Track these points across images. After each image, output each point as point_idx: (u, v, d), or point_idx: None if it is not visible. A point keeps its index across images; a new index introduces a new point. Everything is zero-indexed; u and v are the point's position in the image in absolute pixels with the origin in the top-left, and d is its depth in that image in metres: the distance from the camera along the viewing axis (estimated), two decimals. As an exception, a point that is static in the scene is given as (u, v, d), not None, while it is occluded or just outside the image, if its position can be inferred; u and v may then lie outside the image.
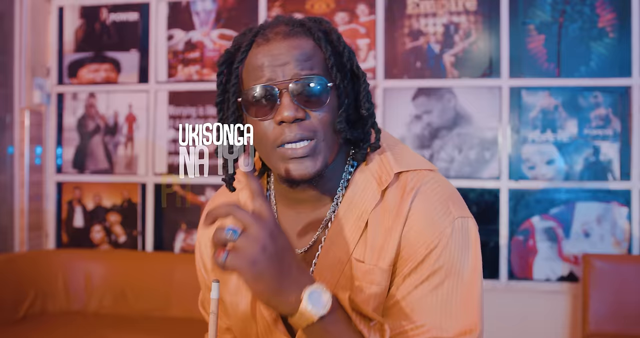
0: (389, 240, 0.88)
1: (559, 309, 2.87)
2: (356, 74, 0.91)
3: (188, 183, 3.14)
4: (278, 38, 0.86)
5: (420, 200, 0.90)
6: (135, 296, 2.99)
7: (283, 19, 0.91)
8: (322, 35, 0.89)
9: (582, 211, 2.88)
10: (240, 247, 0.70)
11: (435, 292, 0.88)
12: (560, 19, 2.92)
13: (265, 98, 0.85)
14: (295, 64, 0.84)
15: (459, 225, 0.90)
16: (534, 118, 2.92)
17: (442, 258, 0.88)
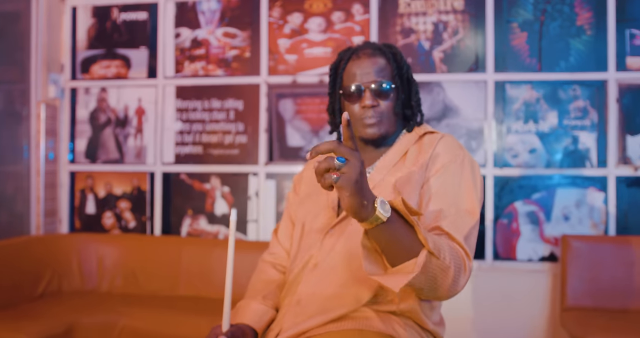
0: (421, 158, 1.36)
1: (540, 286, 3.08)
2: (410, 81, 1.46)
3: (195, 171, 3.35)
4: (365, 57, 1.41)
5: (443, 142, 1.39)
6: (144, 276, 3.18)
7: (369, 44, 1.46)
8: (392, 56, 1.43)
9: (562, 196, 3.09)
10: (346, 171, 0.97)
11: (448, 181, 1.30)
12: (542, 18, 3.14)
13: (357, 92, 1.39)
14: (374, 73, 1.38)
15: (469, 156, 1.37)
16: (517, 110, 3.14)
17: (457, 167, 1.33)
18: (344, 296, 1.26)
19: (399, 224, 1.05)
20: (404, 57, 1.46)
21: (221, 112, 3.38)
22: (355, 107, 1.39)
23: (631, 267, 2.87)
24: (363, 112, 1.38)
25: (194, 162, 3.40)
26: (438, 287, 1.11)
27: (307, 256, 1.34)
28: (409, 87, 1.46)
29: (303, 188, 1.51)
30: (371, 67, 1.38)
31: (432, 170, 1.31)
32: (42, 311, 2.76)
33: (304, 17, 3.32)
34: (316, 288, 1.29)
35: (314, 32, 3.30)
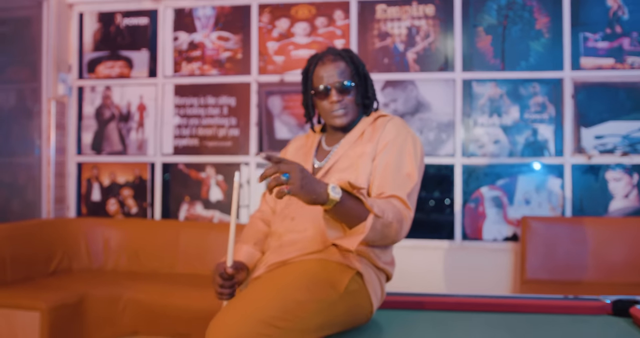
0: (374, 136, 1.67)
1: (504, 263, 3.42)
2: (366, 77, 1.77)
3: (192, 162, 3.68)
4: (329, 62, 1.71)
5: (392, 123, 1.68)
6: (146, 256, 3.50)
7: (331, 51, 1.75)
8: (349, 59, 1.73)
9: (523, 182, 3.44)
10: (292, 183, 1.31)
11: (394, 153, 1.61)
12: (504, 22, 3.50)
13: (324, 91, 1.69)
14: (337, 75, 1.69)
15: (412, 133, 1.68)
16: (483, 105, 3.49)
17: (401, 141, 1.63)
18: (314, 239, 1.60)
19: (349, 200, 1.40)
20: (359, 58, 1.79)
21: (215, 107, 3.72)
22: (325, 103, 1.71)
23: (583, 244, 3.22)
24: (331, 106, 1.70)
25: (190, 153, 3.73)
26: (385, 238, 1.47)
27: (287, 211, 1.68)
28: (366, 82, 1.77)
29: (294, 152, 1.87)
30: (334, 70, 1.69)
31: (381, 144, 1.66)
32: (56, 284, 3.08)
33: (290, 22, 3.66)
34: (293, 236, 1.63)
35: (300, 35, 3.65)
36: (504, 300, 1.74)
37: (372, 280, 1.58)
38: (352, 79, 1.71)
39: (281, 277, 1.50)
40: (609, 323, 1.56)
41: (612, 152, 3.37)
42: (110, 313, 3.04)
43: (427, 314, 1.68)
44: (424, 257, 3.48)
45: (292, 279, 1.48)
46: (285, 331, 1.37)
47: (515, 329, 1.53)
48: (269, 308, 1.37)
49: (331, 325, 1.49)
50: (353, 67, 1.73)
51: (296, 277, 1.49)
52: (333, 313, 1.47)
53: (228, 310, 1.39)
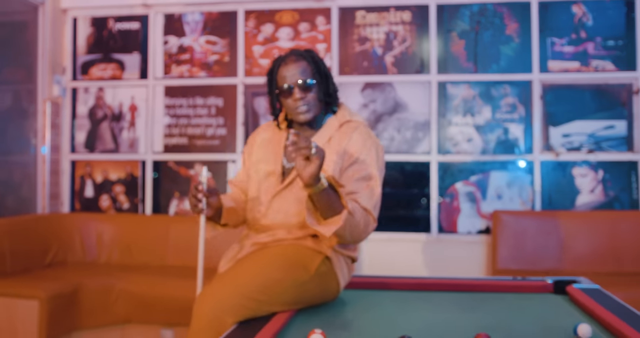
0: (340, 146, 1.79)
1: (477, 254, 3.62)
2: (327, 75, 1.88)
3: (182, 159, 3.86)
4: (291, 62, 1.82)
5: (357, 133, 1.81)
6: (137, 249, 3.68)
7: (293, 52, 1.87)
8: (310, 58, 1.84)
9: (496, 178, 3.65)
10: (320, 150, 1.48)
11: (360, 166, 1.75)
12: (477, 28, 3.71)
13: (288, 90, 1.80)
14: (299, 74, 1.79)
15: (375, 143, 1.82)
16: (457, 105, 3.69)
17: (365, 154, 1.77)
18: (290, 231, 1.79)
19: (331, 192, 1.60)
20: (320, 57, 1.91)
21: (204, 108, 3.90)
22: (289, 101, 1.81)
23: (550, 236, 3.43)
24: (295, 104, 1.80)
25: (180, 152, 3.91)
26: (352, 235, 1.66)
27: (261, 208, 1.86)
28: (327, 80, 1.87)
29: (256, 149, 1.97)
30: (296, 70, 1.79)
31: (347, 156, 1.76)
32: (52, 275, 3.25)
33: (274, 27, 3.85)
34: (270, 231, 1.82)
35: (284, 40, 3.84)
36: (460, 281, 1.94)
37: (340, 264, 1.78)
38: (313, 77, 1.81)
39: (262, 258, 1.69)
40: (548, 299, 1.76)
41: (578, 150, 3.59)
42: (104, 302, 3.21)
43: (388, 293, 1.87)
44: (402, 249, 3.67)
45: (271, 260, 1.67)
46: (263, 304, 1.57)
47: (467, 304, 1.73)
48: (251, 284, 1.57)
49: (303, 301, 1.68)
50: (314, 66, 1.83)
51: (274, 258, 1.68)
52: (305, 291, 1.67)
53: (214, 285, 1.58)
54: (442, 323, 1.52)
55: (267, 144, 1.98)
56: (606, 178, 3.56)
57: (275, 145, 1.95)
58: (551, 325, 1.46)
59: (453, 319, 1.55)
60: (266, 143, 1.98)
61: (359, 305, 1.74)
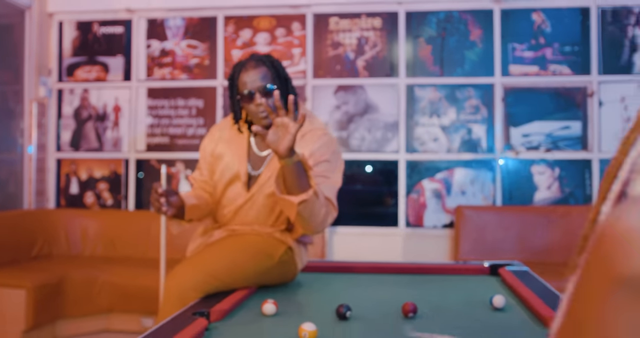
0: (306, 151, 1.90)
1: (442, 247, 3.85)
2: (287, 79, 1.96)
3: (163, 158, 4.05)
4: (251, 68, 1.87)
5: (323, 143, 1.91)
6: (120, 243, 3.86)
7: (253, 57, 1.92)
8: (270, 64, 1.90)
9: (460, 175, 3.87)
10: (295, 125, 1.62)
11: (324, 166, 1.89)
12: (443, 34, 3.93)
13: (249, 95, 1.86)
14: (259, 80, 1.85)
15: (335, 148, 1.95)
16: (424, 107, 3.92)
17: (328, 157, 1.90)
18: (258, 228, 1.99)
19: (301, 169, 1.75)
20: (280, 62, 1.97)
21: (185, 109, 4.09)
22: (251, 106, 1.86)
23: (509, 229, 3.66)
24: (257, 109, 1.84)
25: (162, 150, 4.10)
26: (313, 216, 1.78)
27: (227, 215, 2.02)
28: (287, 84, 1.93)
29: (220, 145, 2.04)
30: (257, 75, 1.84)
31: (312, 161, 1.86)
32: (38, 267, 3.42)
33: (252, 33, 4.06)
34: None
35: (261, 44, 4.05)
36: (407, 265, 2.16)
37: (300, 252, 1.98)
38: (273, 82, 1.86)
39: (230, 243, 1.90)
40: (482, 280, 1.98)
41: (536, 149, 3.83)
42: (88, 292, 3.39)
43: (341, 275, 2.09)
44: (372, 243, 3.89)
45: (238, 246, 1.88)
46: (226, 283, 1.77)
47: (409, 283, 1.95)
48: (217, 265, 1.77)
49: (263, 282, 1.89)
50: (274, 71, 1.88)
51: (242, 245, 1.89)
52: (267, 276, 1.88)
53: (185, 265, 1.78)
54: (380, 297, 1.74)
55: (230, 144, 2.02)
56: (562, 175, 3.80)
57: (239, 147, 2.01)
58: (474, 299, 1.68)
59: (391, 294, 1.76)
60: (229, 142, 2.02)
61: (313, 284, 1.95)
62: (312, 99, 3.97)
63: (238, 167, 1.97)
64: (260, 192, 1.94)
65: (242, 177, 1.97)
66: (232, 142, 2.03)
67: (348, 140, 3.94)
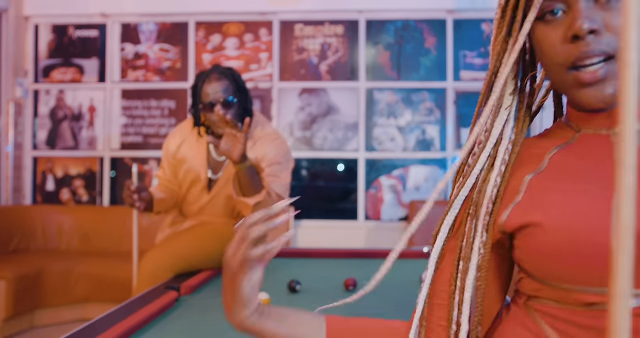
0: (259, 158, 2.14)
1: (398, 238, 4.13)
2: (247, 92, 2.16)
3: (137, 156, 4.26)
4: (214, 80, 2.06)
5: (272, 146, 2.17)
6: (96, 237, 4.06)
7: (216, 70, 2.10)
8: (232, 77, 2.10)
9: (414, 173, 4.18)
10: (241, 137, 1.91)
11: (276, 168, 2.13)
12: (400, 41, 4.23)
13: (210, 106, 2.05)
14: (222, 92, 2.04)
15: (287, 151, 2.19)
16: (382, 109, 4.21)
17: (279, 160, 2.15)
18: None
19: (254, 171, 2.02)
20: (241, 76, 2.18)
21: (157, 110, 4.31)
22: (211, 116, 2.03)
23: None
24: (216, 118, 2.00)
25: (136, 149, 4.32)
26: None
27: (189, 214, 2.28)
28: (246, 97, 2.13)
29: (182, 148, 2.23)
30: (219, 88, 2.01)
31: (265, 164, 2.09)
32: (17, 260, 3.61)
33: (222, 38, 4.30)
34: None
35: (230, 49, 4.29)
36: (357, 250, 2.44)
37: (262, 237, 2.25)
38: (234, 95, 2.03)
39: (198, 230, 2.16)
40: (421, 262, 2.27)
41: (485, 149, 4.15)
42: (65, 283, 3.59)
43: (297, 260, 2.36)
44: (334, 235, 4.17)
45: (205, 233, 2.14)
46: (194, 265, 2.03)
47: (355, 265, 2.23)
48: (186, 249, 2.03)
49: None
50: (235, 85, 2.06)
51: (208, 231, 2.15)
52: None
53: (157, 249, 2.03)
54: (327, 275, 2.02)
55: (192, 149, 2.19)
56: (508, 173, 4.13)
57: (199, 152, 2.19)
58: (409, 278, 1.97)
59: (338, 273, 2.04)
60: (190, 148, 2.20)
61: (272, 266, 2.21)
62: (278, 100, 4.23)
63: (199, 171, 2.16)
64: (221, 193, 2.16)
65: (203, 181, 2.18)
66: (194, 147, 2.20)
67: (312, 140, 4.22)
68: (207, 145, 2.21)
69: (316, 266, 2.23)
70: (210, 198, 2.20)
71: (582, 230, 0.69)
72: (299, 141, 4.22)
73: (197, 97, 2.09)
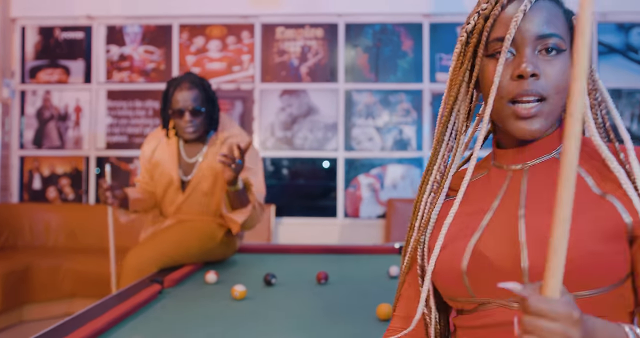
0: None
1: (376, 235, 4.31)
2: (215, 101, 2.30)
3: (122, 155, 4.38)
4: (185, 88, 2.20)
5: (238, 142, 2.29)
6: (82, 234, 4.17)
7: (188, 78, 2.23)
8: (202, 86, 2.24)
9: (392, 171, 4.34)
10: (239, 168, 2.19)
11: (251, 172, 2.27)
12: (378, 44, 4.38)
13: (179, 112, 2.21)
14: (191, 101, 2.17)
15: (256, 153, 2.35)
16: (360, 110, 4.37)
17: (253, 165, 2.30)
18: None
19: (242, 191, 2.16)
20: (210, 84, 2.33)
21: (142, 110, 4.43)
22: (180, 121, 2.19)
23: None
24: (185, 125, 2.19)
25: (121, 148, 4.43)
26: (251, 221, 2.25)
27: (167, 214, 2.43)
28: (214, 106, 2.27)
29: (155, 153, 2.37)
30: (189, 96, 2.16)
31: None
32: (5, 256, 3.72)
33: (205, 40, 4.42)
34: None
35: (213, 51, 4.41)
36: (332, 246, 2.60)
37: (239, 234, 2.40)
38: (202, 104, 2.17)
39: (179, 228, 2.30)
40: (392, 257, 2.43)
41: (460, 148, 4.32)
42: (52, 279, 3.70)
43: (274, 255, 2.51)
44: (313, 232, 4.32)
45: (185, 230, 2.28)
46: (176, 260, 2.17)
47: (329, 260, 2.39)
48: (168, 245, 2.17)
49: (208, 259, 2.30)
50: (205, 94, 2.21)
51: (189, 230, 2.29)
52: (210, 253, 2.29)
53: (141, 245, 2.17)
54: (301, 269, 2.17)
55: (163, 154, 2.34)
56: (481, 171, 4.31)
57: (170, 156, 2.33)
58: (379, 272, 2.13)
59: (311, 267, 2.19)
60: (162, 152, 2.34)
61: (250, 261, 2.37)
62: (259, 101, 4.37)
63: (171, 173, 2.31)
64: (195, 192, 2.29)
65: (175, 182, 2.32)
66: (166, 151, 2.34)
67: (292, 140, 4.36)
68: (177, 147, 2.34)
69: (291, 261, 2.38)
70: (185, 198, 2.34)
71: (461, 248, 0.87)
72: (279, 141, 4.36)
73: (167, 102, 2.22)
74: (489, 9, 0.87)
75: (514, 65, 0.84)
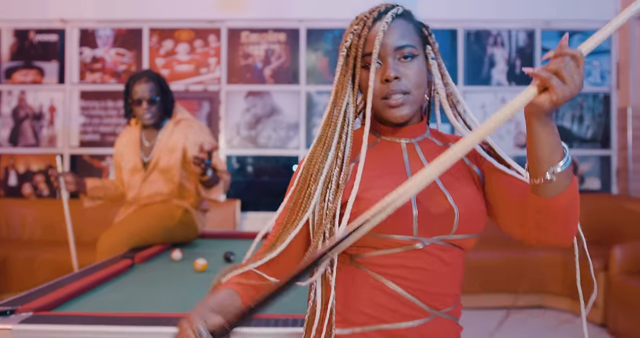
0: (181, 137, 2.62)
1: (334, 227, 4.61)
2: (167, 92, 2.65)
3: (95, 153, 4.61)
4: (143, 81, 2.59)
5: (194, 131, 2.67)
6: (56, 228, 4.39)
7: (145, 73, 2.62)
8: (157, 81, 2.63)
9: (350, 167, 4.65)
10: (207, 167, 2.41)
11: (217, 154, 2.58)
12: (337, 48, 4.69)
13: (138, 102, 2.60)
14: (148, 92, 2.58)
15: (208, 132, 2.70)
16: (321, 111, 4.67)
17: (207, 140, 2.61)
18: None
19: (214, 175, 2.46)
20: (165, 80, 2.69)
21: (114, 110, 4.66)
22: (139, 110, 2.58)
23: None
24: (143, 112, 2.57)
25: (93, 146, 4.66)
26: (226, 189, 2.56)
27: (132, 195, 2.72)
28: (167, 97, 2.64)
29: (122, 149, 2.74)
30: (146, 88, 2.54)
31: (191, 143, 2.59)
32: (-19, 248, 3.93)
33: (174, 43, 4.68)
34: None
35: (182, 53, 4.68)
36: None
37: (198, 215, 2.69)
38: (157, 95, 2.56)
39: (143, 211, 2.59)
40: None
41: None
42: (28, 269, 3.92)
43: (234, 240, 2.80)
44: (277, 224, 4.60)
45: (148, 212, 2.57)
46: (144, 239, 2.45)
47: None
48: (135, 226, 2.45)
49: (172, 238, 2.58)
50: (159, 87, 2.59)
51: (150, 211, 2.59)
52: (172, 232, 2.57)
53: (112, 228, 2.44)
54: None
55: (129, 144, 2.72)
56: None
57: (134, 144, 2.70)
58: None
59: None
60: (127, 143, 2.72)
61: (213, 244, 2.65)
62: (225, 102, 4.64)
63: (134, 157, 2.67)
64: (155, 170, 2.62)
65: (138, 164, 2.68)
66: (130, 140, 2.72)
67: (256, 139, 4.65)
68: (140, 133, 2.70)
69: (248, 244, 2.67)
70: (147, 175, 2.65)
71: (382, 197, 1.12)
72: (244, 140, 4.64)
73: (128, 93, 2.61)
74: (358, 29, 1.16)
75: (382, 71, 1.11)
